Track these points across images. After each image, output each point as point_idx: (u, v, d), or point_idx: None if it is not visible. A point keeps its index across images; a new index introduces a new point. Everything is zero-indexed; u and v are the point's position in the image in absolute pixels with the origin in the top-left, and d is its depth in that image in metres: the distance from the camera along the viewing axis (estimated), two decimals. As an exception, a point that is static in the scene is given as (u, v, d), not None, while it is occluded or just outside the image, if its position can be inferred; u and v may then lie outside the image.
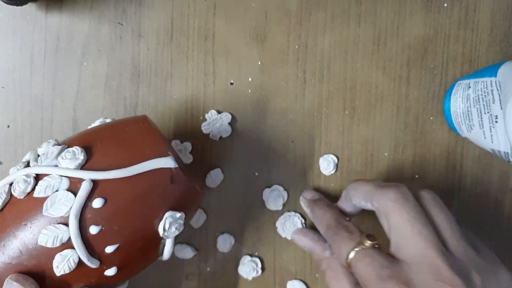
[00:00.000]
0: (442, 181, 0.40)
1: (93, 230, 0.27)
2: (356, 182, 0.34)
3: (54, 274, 0.27)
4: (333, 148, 0.39)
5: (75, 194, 0.27)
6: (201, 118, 0.39)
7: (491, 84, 0.32)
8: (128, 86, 0.39)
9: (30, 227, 0.27)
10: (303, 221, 0.39)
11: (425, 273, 0.27)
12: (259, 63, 0.39)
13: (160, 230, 0.29)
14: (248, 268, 0.40)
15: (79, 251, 0.27)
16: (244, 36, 0.39)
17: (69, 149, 0.29)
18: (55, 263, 0.27)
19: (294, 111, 0.39)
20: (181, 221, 0.29)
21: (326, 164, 0.39)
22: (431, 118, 0.39)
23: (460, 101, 0.36)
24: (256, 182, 0.40)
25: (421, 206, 0.30)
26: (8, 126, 0.39)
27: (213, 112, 0.39)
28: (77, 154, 0.28)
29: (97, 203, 0.27)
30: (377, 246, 0.30)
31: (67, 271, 0.27)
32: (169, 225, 0.29)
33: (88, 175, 0.27)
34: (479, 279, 0.27)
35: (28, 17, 0.38)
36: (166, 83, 0.39)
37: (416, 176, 0.40)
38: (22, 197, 0.28)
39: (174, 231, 0.29)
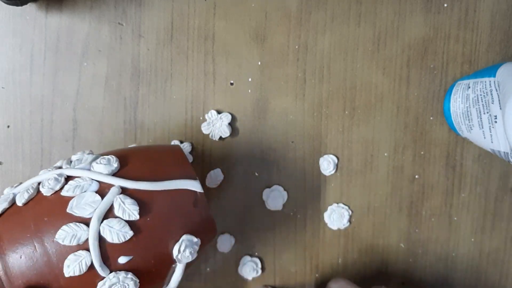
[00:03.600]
0: (442, 181, 0.40)
1: None
2: None
3: (61, 278, 0.27)
4: (333, 148, 0.39)
5: (102, 197, 0.27)
6: (201, 118, 0.39)
7: (490, 85, 0.32)
8: (128, 86, 0.39)
9: (51, 223, 0.27)
10: (351, 213, 0.40)
11: None
12: (259, 63, 0.39)
13: (175, 251, 0.28)
14: (248, 268, 0.40)
15: (94, 254, 0.27)
16: (244, 36, 0.39)
17: (104, 156, 0.29)
18: (67, 263, 0.27)
19: (294, 111, 0.39)
20: (196, 247, 0.29)
21: (326, 164, 0.39)
22: (431, 118, 0.39)
23: (459, 101, 0.36)
24: (256, 182, 0.40)
25: None
26: (8, 126, 0.39)
27: (213, 112, 0.39)
28: (112, 162, 0.29)
29: None
30: None
31: (77, 273, 0.27)
32: (184, 247, 0.28)
33: (118, 182, 0.28)
34: None
35: (28, 17, 0.38)
36: (166, 83, 0.39)
37: (416, 176, 0.40)
38: (49, 194, 0.28)
39: (187, 256, 0.29)
